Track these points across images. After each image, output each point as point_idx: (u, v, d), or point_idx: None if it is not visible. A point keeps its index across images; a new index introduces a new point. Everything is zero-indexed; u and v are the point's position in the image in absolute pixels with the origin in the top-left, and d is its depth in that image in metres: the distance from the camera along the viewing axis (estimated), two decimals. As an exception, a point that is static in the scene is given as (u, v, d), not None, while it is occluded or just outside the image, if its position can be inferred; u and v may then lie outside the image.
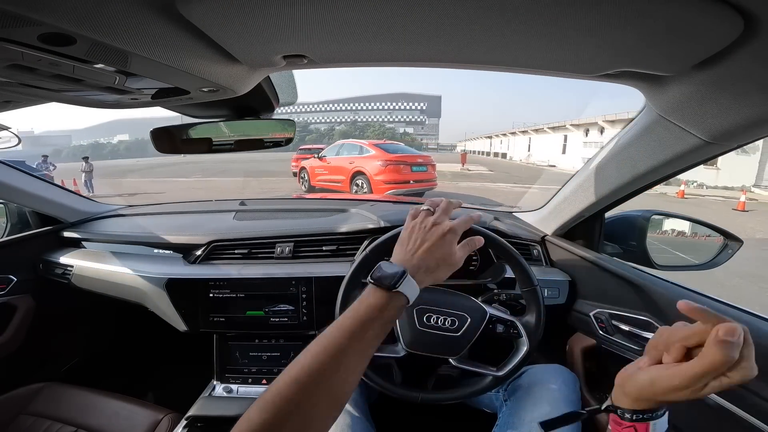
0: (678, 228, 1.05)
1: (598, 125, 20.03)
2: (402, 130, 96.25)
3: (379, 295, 0.47)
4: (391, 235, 0.78)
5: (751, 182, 12.66)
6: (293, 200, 1.80)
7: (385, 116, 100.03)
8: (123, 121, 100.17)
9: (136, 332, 1.59)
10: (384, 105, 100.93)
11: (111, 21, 0.35)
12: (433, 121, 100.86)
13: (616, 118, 17.97)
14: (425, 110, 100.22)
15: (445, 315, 0.74)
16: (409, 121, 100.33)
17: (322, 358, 0.41)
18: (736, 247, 0.92)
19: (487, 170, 18.36)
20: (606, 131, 19.33)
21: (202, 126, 0.78)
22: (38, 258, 1.22)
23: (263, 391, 0.39)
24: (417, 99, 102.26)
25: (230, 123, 0.79)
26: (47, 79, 0.45)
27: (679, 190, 10.14)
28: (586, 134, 21.71)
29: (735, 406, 0.61)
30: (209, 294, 1.03)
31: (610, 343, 0.88)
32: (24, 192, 1.15)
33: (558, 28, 0.39)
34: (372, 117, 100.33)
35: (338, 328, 0.44)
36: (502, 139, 44.10)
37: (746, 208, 8.09)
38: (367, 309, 0.45)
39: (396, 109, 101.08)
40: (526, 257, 0.79)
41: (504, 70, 0.57)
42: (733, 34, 0.37)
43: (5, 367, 1.14)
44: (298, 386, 0.38)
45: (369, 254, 0.76)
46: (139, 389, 1.40)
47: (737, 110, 0.49)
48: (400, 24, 0.41)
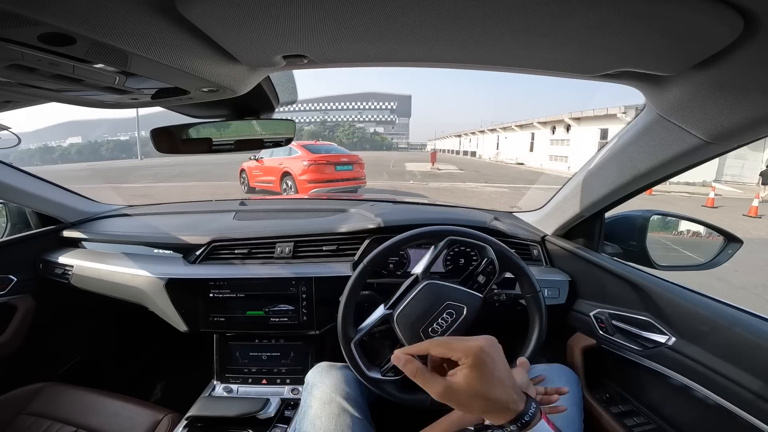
0: (678, 228, 1.05)
1: (564, 122, 19.21)
2: (372, 130, 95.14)
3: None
4: (389, 245, 0.78)
5: (711, 177, 12.90)
6: (293, 200, 1.80)
7: (355, 116, 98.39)
8: (77, 122, 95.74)
9: (136, 332, 1.59)
10: (353, 104, 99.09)
11: (111, 21, 0.35)
12: (404, 120, 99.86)
13: (582, 115, 17.41)
14: (395, 109, 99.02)
15: (439, 314, 0.74)
16: (379, 120, 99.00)
17: None
18: (737, 248, 0.92)
19: (457, 169, 17.69)
20: (572, 128, 18.65)
21: (202, 126, 0.78)
22: (38, 258, 1.22)
23: None
24: (387, 98, 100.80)
25: (230, 123, 0.79)
26: (47, 79, 0.45)
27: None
28: (553, 132, 20.92)
29: (735, 406, 0.61)
30: (209, 294, 1.03)
31: (610, 343, 0.88)
32: (24, 192, 1.15)
33: (558, 28, 0.39)
34: (341, 117, 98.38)
35: None
36: (471, 138, 43.48)
37: (715, 204, 8.02)
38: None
39: (366, 109, 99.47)
40: (526, 257, 0.79)
41: (504, 70, 0.57)
42: (733, 34, 0.37)
43: (5, 367, 1.14)
44: None
45: (368, 265, 0.77)
46: (139, 389, 1.40)
47: (737, 110, 0.49)
48: (400, 24, 0.41)
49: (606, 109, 15.35)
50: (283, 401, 0.99)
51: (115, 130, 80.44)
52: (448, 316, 0.74)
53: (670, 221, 1.04)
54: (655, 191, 9.15)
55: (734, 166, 13.81)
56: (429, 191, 9.42)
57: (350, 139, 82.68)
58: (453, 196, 8.61)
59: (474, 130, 42.39)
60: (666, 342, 0.74)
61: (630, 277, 0.83)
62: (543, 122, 21.85)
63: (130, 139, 20.20)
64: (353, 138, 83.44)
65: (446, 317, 0.74)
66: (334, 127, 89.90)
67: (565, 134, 19.36)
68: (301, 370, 1.05)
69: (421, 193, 8.88)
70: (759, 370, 0.59)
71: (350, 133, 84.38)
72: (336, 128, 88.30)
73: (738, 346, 0.63)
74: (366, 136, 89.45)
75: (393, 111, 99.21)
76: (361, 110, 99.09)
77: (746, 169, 13.58)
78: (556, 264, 1.08)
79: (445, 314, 0.74)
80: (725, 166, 13.73)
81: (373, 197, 1.51)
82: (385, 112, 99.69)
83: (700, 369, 0.67)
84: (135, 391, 1.05)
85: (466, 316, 0.74)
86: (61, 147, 76.29)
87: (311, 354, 1.10)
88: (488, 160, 29.52)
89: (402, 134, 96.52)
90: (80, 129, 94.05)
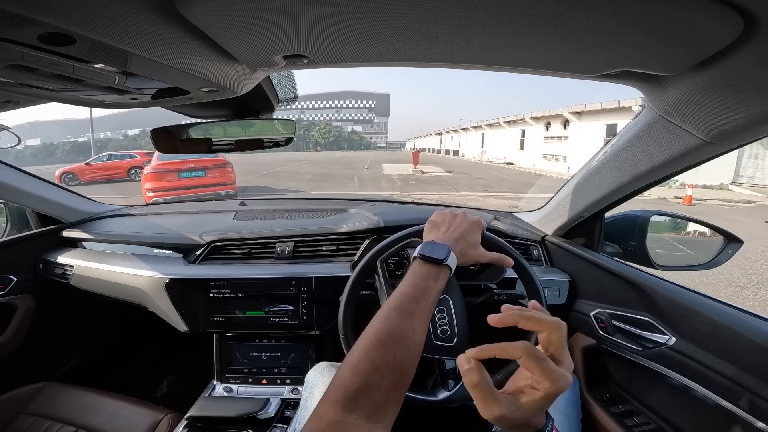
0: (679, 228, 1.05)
1: (562, 118, 17.06)
2: (350, 129, 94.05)
3: (429, 267, 0.53)
4: (391, 240, 0.78)
5: (729, 179, 12.24)
6: (293, 200, 1.80)
7: (332, 114, 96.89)
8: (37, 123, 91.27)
9: (136, 332, 1.59)
10: (330, 103, 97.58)
11: (111, 21, 0.35)
12: (383, 119, 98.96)
13: (585, 108, 15.33)
14: (374, 108, 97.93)
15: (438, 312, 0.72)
16: (357, 119, 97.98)
17: (395, 321, 0.45)
18: (737, 248, 0.92)
19: (444, 171, 15.78)
20: (571, 124, 16.54)
21: (202, 126, 0.78)
22: (38, 258, 1.22)
23: (349, 359, 0.42)
24: (365, 97, 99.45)
25: (230, 123, 0.80)
26: (47, 79, 0.45)
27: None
28: (547, 128, 18.86)
29: (735, 406, 0.61)
30: (209, 294, 1.03)
31: (610, 343, 0.88)
32: (24, 192, 1.15)
33: (558, 28, 0.39)
34: (318, 116, 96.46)
35: (401, 295, 0.49)
36: (453, 136, 42.03)
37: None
38: (423, 279, 0.51)
39: (343, 107, 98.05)
40: (526, 257, 0.79)
41: (504, 70, 0.57)
42: (733, 34, 0.37)
43: (5, 367, 1.14)
44: (383, 347, 0.42)
45: (370, 260, 0.76)
46: (139, 389, 1.40)
47: (737, 110, 0.49)
48: (400, 24, 0.41)
49: (617, 101, 13.50)
50: (283, 401, 0.99)
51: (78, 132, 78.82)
52: (441, 313, 0.71)
53: (670, 221, 1.04)
54: (695, 201, 8.51)
55: (749, 167, 12.63)
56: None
57: (326, 138, 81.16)
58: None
59: (456, 127, 40.49)
60: (666, 342, 0.74)
61: (630, 277, 0.83)
62: (536, 117, 19.89)
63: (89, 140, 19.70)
64: (329, 137, 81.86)
65: (443, 315, 0.72)
66: (308, 126, 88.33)
67: (563, 131, 17.51)
68: (301, 370, 1.05)
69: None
70: (759, 370, 0.59)
71: (326, 132, 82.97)
72: (311, 127, 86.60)
73: (738, 346, 0.63)
74: (343, 135, 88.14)
75: (371, 110, 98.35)
76: (339, 109, 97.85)
77: (761, 170, 12.46)
78: (556, 264, 1.08)
79: (436, 310, 0.71)
80: (741, 167, 12.68)
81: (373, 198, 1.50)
82: (363, 110, 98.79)
83: (700, 369, 0.67)
84: (135, 391, 1.05)
85: (454, 306, 0.72)
86: (14, 150, 75.28)
87: (311, 354, 1.10)
88: (473, 160, 27.90)
89: (381, 133, 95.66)
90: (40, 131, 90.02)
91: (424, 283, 0.51)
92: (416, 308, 0.47)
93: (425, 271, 0.52)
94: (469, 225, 0.62)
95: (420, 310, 0.48)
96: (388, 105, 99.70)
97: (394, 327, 0.44)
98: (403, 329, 0.44)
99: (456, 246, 0.58)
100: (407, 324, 0.45)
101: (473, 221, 0.64)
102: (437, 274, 0.53)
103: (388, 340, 0.43)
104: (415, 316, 0.47)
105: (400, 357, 0.42)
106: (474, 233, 0.62)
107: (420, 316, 0.47)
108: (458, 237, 0.60)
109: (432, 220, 0.65)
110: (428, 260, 0.54)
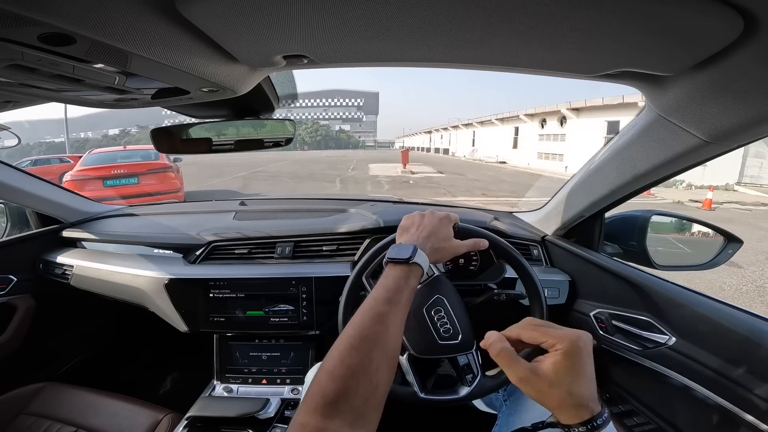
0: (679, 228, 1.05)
1: (559, 114, 16.10)
2: (338, 128, 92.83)
3: (398, 268, 0.54)
4: (371, 254, 0.78)
5: (734, 179, 11.84)
6: (293, 200, 1.80)
7: (320, 113, 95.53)
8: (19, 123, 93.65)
9: (136, 332, 1.59)
10: (318, 101, 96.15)
11: (111, 21, 0.35)
12: (371, 118, 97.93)
13: (585, 104, 14.49)
14: (362, 107, 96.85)
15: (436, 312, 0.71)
16: (345, 118, 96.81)
17: (369, 324, 0.45)
18: (737, 248, 0.92)
19: (435, 171, 14.63)
20: (569, 121, 15.63)
21: (202, 126, 0.78)
22: (38, 258, 1.22)
23: (324, 365, 0.41)
24: (353, 95, 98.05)
25: (230, 123, 0.80)
26: (47, 79, 0.45)
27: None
28: (543, 126, 17.97)
29: (735, 406, 0.61)
30: (209, 294, 1.03)
31: (610, 343, 0.88)
32: (24, 192, 1.15)
33: (558, 28, 0.39)
34: (305, 114, 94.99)
35: (374, 299, 0.49)
36: (443, 134, 40.87)
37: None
38: (395, 280, 0.52)
39: (331, 106, 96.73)
40: (526, 257, 0.79)
41: (504, 70, 0.57)
42: (733, 34, 0.37)
43: (5, 367, 1.14)
44: (358, 352, 0.42)
45: (356, 278, 0.76)
46: (139, 389, 1.40)
47: (737, 110, 0.49)
48: (400, 24, 0.41)
49: (621, 97, 12.63)
50: (283, 401, 0.99)
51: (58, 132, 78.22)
52: (438, 313, 0.71)
53: (670, 221, 1.04)
54: (715, 204, 7.91)
55: (753, 166, 12.20)
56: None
57: (313, 137, 79.84)
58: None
59: (446, 125, 39.36)
60: (666, 342, 0.74)
61: (630, 277, 0.83)
62: (530, 114, 18.90)
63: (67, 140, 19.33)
64: (316, 136, 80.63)
65: (441, 315, 0.72)
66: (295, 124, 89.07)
67: (559, 128, 16.53)
68: (301, 370, 1.06)
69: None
70: (759, 370, 0.59)
71: (313, 131, 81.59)
72: (297, 125, 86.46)
73: (738, 346, 0.63)
74: (331, 134, 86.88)
75: (360, 108, 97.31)
76: (327, 107, 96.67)
77: (764, 170, 12.11)
78: (556, 264, 1.07)
79: (434, 312, 0.71)
80: (745, 166, 12.13)
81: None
82: (351, 109, 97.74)
83: (700, 369, 0.67)
84: (135, 391, 1.05)
85: (451, 304, 0.71)
86: (-13, 152, 74.72)
87: (311, 354, 1.10)
88: (464, 158, 26.91)
89: (369, 132, 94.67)
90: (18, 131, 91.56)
91: (395, 284, 0.52)
92: (389, 310, 0.48)
93: (395, 273, 0.54)
94: (437, 221, 0.64)
95: (393, 311, 0.48)
96: (376, 103, 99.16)
97: (368, 330, 0.45)
98: (377, 332, 0.45)
99: (426, 244, 0.59)
100: (381, 327, 0.45)
101: (441, 217, 0.65)
102: (407, 273, 0.54)
103: (363, 344, 0.43)
104: (389, 318, 0.47)
105: (376, 361, 0.42)
106: (444, 228, 0.64)
107: (394, 317, 0.48)
108: (428, 235, 0.61)
109: (401, 225, 0.67)
110: (396, 261, 0.55)
